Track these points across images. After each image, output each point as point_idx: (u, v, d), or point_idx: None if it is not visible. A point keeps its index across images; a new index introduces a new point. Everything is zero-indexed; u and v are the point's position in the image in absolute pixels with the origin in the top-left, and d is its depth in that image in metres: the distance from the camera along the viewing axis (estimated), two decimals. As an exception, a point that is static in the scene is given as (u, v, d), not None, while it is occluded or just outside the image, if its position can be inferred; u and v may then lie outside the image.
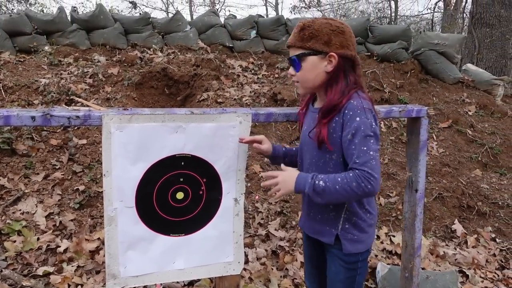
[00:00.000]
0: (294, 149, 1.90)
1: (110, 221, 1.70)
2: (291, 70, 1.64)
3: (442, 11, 15.57)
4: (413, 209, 2.31)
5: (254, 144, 1.80)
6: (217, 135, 1.77)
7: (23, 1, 12.81)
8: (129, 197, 1.70)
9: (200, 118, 1.73)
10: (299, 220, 1.91)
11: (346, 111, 1.51)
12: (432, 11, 14.90)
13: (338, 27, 1.56)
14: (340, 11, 19.74)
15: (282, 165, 1.67)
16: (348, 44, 1.57)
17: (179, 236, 1.83)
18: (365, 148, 1.45)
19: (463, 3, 14.11)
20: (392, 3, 16.91)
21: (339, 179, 1.45)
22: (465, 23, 13.74)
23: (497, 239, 3.49)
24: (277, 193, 1.56)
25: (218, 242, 1.90)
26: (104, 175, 1.64)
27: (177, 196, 1.78)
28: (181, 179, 1.76)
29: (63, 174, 3.52)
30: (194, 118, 1.72)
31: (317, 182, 1.48)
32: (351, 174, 1.44)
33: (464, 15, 13.79)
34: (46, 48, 5.29)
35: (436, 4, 14.44)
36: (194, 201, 1.80)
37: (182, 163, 1.74)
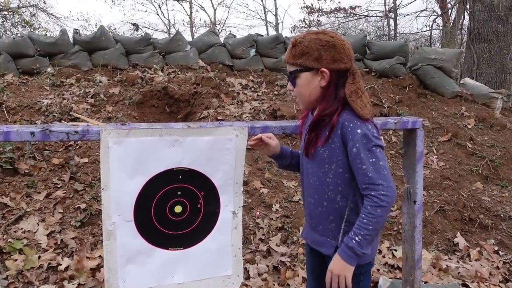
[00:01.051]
0: (299, 152, 1.91)
1: (109, 235, 1.70)
2: (289, 86, 1.67)
3: (441, 28, 15.74)
4: (412, 220, 2.30)
5: (264, 138, 1.80)
6: (213, 148, 1.79)
7: (27, 26, 13.04)
8: (128, 211, 1.71)
9: (197, 132, 1.75)
10: (302, 230, 1.92)
11: (346, 123, 1.53)
12: (430, 29, 15.05)
13: (328, 41, 1.55)
14: (340, 30, 19.97)
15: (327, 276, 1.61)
16: (342, 57, 1.56)
17: (177, 249, 1.83)
18: (373, 160, 1.47)
19: (462, 20, 14.26)
20: (391, 21, 17.13)
21: (365, 220, 1.47)
22: (463, 39, 13.85)
23: (500, 252, 3.46)
24: (347, 282, 1.55)
25: (217, 256, 1.90)
26: (103, 189, 1.66)
27: (175, 210, 1.79)
28: (179, 193, 1.78)
29: (64, 193, 3.54)
30: (191, 132, 1.74)
31: (353, 242, 1.49)
32: (368, 206, 1.47)
33: (463, 31, 13.92)
34: (49, 69, 5.37)
35: (434, 21, 14.58)
36: (192, 215, 1.81)
37: (180, 177, 1.76)
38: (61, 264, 2.93)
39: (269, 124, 1.95)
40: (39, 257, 2.98)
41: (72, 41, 5.77)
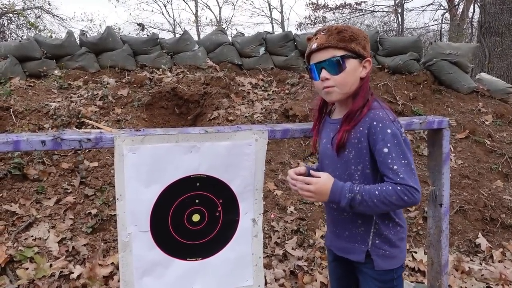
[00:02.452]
0: (315, 167, 1.81)
1: (124, 246, 1.63)
2: (326, 74, 1.52)
3: (449, 22, 15.54)
4: (438, 224, 2.21)
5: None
6: (232, 154, 1.71)
7: (32, 28, 13.02)
8: (144, 221, 1.63)
9: (215, 137, 1.67)
10: (326, 238, 1.83)
11: (375, 123, 1.46)
12: (439, 23, 14.87)
13: (366, 35, 1.55)
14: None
15: (312, 172, 1.55)
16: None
17: (196, 260, 1.75)
18: (405, 162, 1.41)
19: (471, 13, 14.06)
20: (399, 16, 16.94)
21: (376, 192, 1.40)
22: (473, 33, 13.66)
23: (524, 253, 3.35)
24: (308, 199, 1.55)
25: (237, 265, 1.83)
26: (117, 199, 1.58)
27: (193, 219, 1.71)
28: (197, 201, 1.70)
29: (75, 198, 3.47)
30: (209, 137, 1.66)
31: (353, 196, 1.43)
32: (390, 188, 1.39)
33: (472, 24, 13.72)
34: (56, 72, 5.31)
35: (443, 15, 14.39)
36: (210, 223, 1.74)
37: (198, 184, 1.68)
38: (73, 272, 2.86)
39: (289, 127, 1.87)
40: (51, 265, 2.91)
41: (78, 43, 5.70)
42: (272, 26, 22.32)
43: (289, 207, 3.67)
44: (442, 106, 5.04)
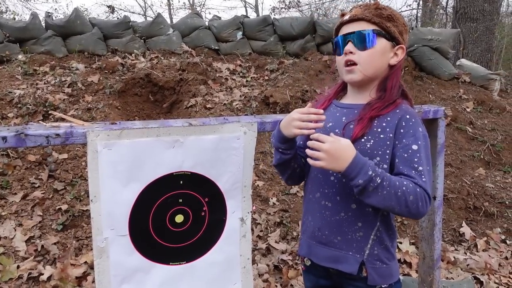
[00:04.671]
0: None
1: (100, 253, 1.46)
2: (351, 47, 1.33)
3: (421, 8, 15.61)
4: (431, 218, 2.13)
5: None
6: (219, 148, 1.56)
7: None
8: (122, 223, 1.47)
9: (200, 130, 1.51)
10: (301, 246, 1.54)
11: (408, 116, 1.31)
12: (412, 8, 14.91)
13: (407, 25, 1.40)
14: (320, 10, 19.64)
15: (332, 135, 1.24)
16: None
17: (180, 264, 1.61)
18: (429, 168, 1.27)
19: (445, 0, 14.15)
20: (371, 0, 16.93)
21: (397, 183, 1.19)
22: (448, 19, 13.78)
23: (507, 241, 3.35)
24: (316, 162, 1.22)
25: (224, 268, 1.69)
26: (91, 200, 1.41)
27: (176, 220, 1.56)
28: (180, 200, 1.54)
29: (43, 193, 3.24)
30: (193, 130, 1.50)
31: (373, 176, 1.18)
32: (411, 185, 1.20)
33: (447, 11, 13.83)
34: (20, 56, 4.98)
35: (418, 0, 14.45)
36: (195, 224, 1.59)
37: (181, 182, 1.52)
38: (43, 274, 2.67)
39: (280, 118, 1.71)
40: (18, 267, 2.71)
41: (44, 26, 5.37)
42: (246, 10, 22.00)
43: (271, 198, 3.54)
44: (423, 92, 4.99)
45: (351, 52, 1.33)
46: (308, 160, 1.26)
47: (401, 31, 1.36)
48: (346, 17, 1.38)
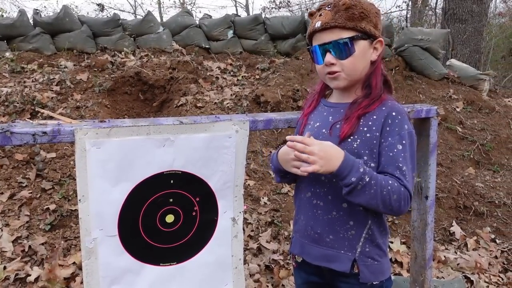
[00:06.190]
0: None
1: (88, 254, 1.43)
2: (331, 58, 1.31)
3: (410, 8, 15.71)
4: (423, 217, 2.13)
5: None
6: (210, 147, 1.53)
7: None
8: (111, 224, 1.44)
9: (191, 129, 1.48)
10: (293, 245, 1.55)
11: (394, 114, 1.29)
12: (401, 9, 15.01)
13: (378, 11, 1.35)
14: (310, 10, 19.65)
15: (311, 138, 1.24)
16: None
17: (170, 265, 1.58)
18: (412, 167, 1.26)
19: (434, 1, 14.26)
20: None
21: (383, 182, 1.20)
22: (437, 20, 13.88)
23: (497, 240, 3.37)
24: (309, 168, 1.19)
25: (215, 269, 1.67)
26: (80, 200, 1.38)
27: (166, 220, 1.53)
28: (171, 200, 1.51)
29: (30, 193, 3.18)
30: (184, 128, 1.47)
31: (363, 174, 1.18)
32: (396, 184, 1.21)
33: (436, 12, 13.93)
34: (7, 54, 4.91)
35: (407, 1, 14.55)
36: (186, 224, 1.56)
37: (172, 181, 1.50)
38: (30, 275, 2.62)
39: (272, 116, 1.71)
40: (5, 268, 2.66)
41: (32, 23, 5.29)
42: (236, 9, 21.91)
43: (262, 197, 3.52)
44: (413, 92, 5.01)
45: (332, 63, 1.32)
46: (301, 169, 1.24)
47: (375, 23, 1.33)
48: (318, 25, 1.32)
